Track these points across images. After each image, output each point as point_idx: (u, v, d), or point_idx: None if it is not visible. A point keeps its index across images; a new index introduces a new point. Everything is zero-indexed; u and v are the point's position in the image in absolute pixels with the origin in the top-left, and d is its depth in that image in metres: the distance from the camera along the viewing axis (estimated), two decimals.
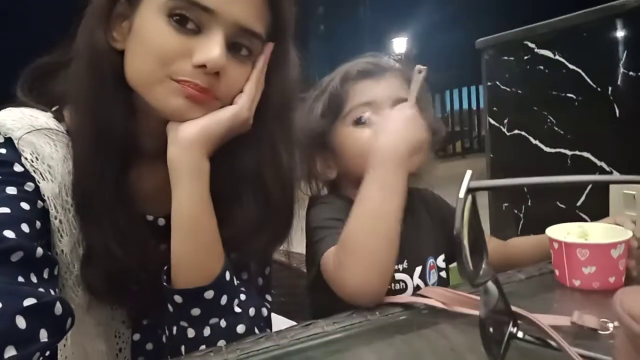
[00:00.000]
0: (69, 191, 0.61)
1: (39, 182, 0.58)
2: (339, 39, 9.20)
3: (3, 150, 0.59)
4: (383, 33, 9.94)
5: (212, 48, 0.57)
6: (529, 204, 1.28)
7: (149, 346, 0.71)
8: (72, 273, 0.62)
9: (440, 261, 0.83)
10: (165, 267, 0.63)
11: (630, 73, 0.99)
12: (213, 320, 0.60)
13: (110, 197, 0.61)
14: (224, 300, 0.61)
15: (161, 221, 0.69)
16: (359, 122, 0.77)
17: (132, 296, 0.66)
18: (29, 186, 0.58)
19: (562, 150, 1.16)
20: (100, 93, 0.61)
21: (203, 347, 0.59)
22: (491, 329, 0.45)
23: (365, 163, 0.73)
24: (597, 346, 0.47)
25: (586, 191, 1.12)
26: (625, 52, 1.00)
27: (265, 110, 0.66)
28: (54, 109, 0.65)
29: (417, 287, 0.77)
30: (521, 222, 1.31)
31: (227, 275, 0.62)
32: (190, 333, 0.60)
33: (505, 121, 1.30)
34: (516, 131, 1.28)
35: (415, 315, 0.58)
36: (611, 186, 1.05)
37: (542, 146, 1.21)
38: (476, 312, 0.55)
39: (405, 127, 0.68)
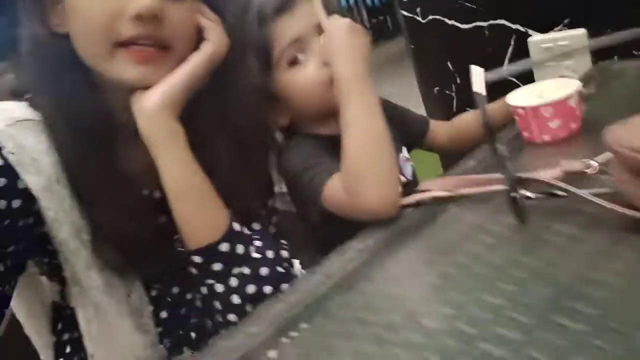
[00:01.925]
0: (61, 181, 0.60)
1: (24, 176, 0.57)
2: None
3: None
4: None
5: None
6: (458, 81, 1.36)
7: (164, 314, 0.73)
8: (80, 258, 0.62)
9: (406, 153, 0.90)
10: (176, 236, 0.64)
11: None
12: (236, 270, 0.63)
13: (107, 178, 0.62)
14: (240, 249, 0.64)
15: (157, 194, 0.70)
16: (293, 62, 0.75)
17: (149, 267, 0.67)
18: (1, 181, 0.56)
19: (479, 23, 1.23)
20: (56, 79, 0.61)
21: (235, 297, 0.62)
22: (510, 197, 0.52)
23: (314, 100, 0.76)
24: (591, 184, 0.54)
25: (508, 56, 1.20)
26: None
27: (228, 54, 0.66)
28: (26, 97, 0.63)
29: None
30: (454, 100, 1.40)
31: (236, 226, 0.65)
32: (219, 288, 0.63)
33: (418, 10, 1.34)
34: (430, 17, 1.32)
35: (428, 210, 0.63)
36: (530, 44, 1.15)
37: (459, 24, 1.27)
38: (477, 190, 0.62)
39: (351, 41, 0.69)
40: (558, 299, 0.41)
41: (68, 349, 0.73)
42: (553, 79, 0.76)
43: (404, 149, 0.89)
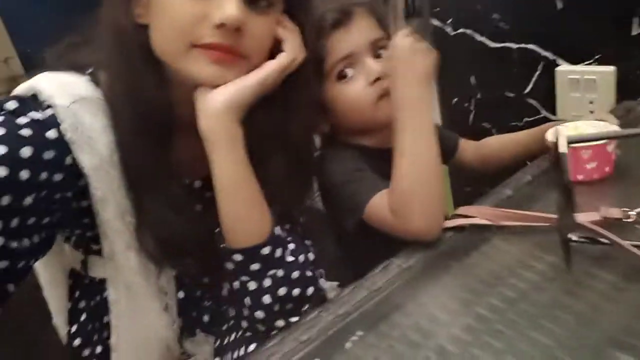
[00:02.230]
0: (113, 161, 0.62)
1: (78, 154, 0.59)
2: None
3: (40, 115, 0.58)
4: None
5: (227, 5, 0.58)
6: (479, 96, 1.39)
7: (180, 294, 0.75)
8: (121, 238, 0.64)
9: None
10: (217, 230, 0.66)
11: None
12: (271, 272, 0.65)
13: (159, 167, 0.64)
14: (278, 253, 0.66)
15: (197, 183, 0.73)
16: (342, 77, 0.77)
17: (184, 258, 0.69)
18: (48, 154, 0.57)
19: (508, 44, 1.25)
20: (131, 67, 0.62)
21: (267, 297, 0.65)
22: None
23: (359, 116, 0.78)
24: (628, 232, 0.58)
25: (534, 78, 1.24)
26: None
27: (300, 70, 0.67)
28: (88, 71, 0.65)
29: None
30: (471, 114, 1.43)
31: (277, 230, 0.67)
32: (252, 285, 0.66)
33: (450, 21, 1.36)
34: (461, 30, 1.34)
35: (469, 237, 0.67)
36: (557, 71, 1.18)
37: (488, 42, 1.29)
38: (516, 224, 0.65)
39: (413, 64, 0.70)
40: (603, 347, 0.44)
41: (83, 317, 0.76)
42: (591, 121, 0.79)
43: None
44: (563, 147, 0.42)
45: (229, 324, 0.77)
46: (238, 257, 0.65)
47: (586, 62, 1.13)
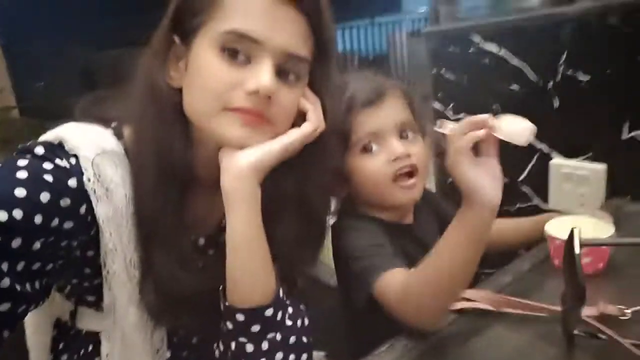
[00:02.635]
0: (126, 216, 0.63)
1: (95, 204, 0.60)
2: None
3: (65, 163, 0.60)
4: None
5: (262, 75, 0.62)
6: None
7: (167, 354, 0.74)
8: (124, 291, 0.65)
9: None
10: (220, 288, 0.67)
11: (569, 71, 1.17)
12: (270, 335, 0.65)
13: (173, 223, 0.66)
14: (279, 315, 0.66)
15: (201, 241, 0.74)
16: (366, 150, 0.81)
17: (185, 314, 0.69)
18: (65, 201, 0.58)
19: None
20: (161, 127, 0.65)
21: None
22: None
23: (376, 190, 0.81)
24: (624, 329, 0.61)
25: (528, 167, 1.30)
26: (565, 52, 1.17)
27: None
28: (113, 125, 0.68)
29: None
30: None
31: (281, 293, 0.68)
32: (249, 348, 0.65)
33: (451, 105, 1.44)
34: (462, 114, 1.42)
35: (471, 321, 0.69)
36: (550, 164, 1.25)
37: None
38: (518, 312, 0.68)
39: (500, 180, 0.66)
40: None
41: None
42: (588, 217, 0.84)
43: None
44: (577, 248, 0.46)
45: None
46: (240, 317, 0.64)
47: (579, 158, 1.20)
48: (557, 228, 0.82)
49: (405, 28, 6.12)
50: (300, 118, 0.70)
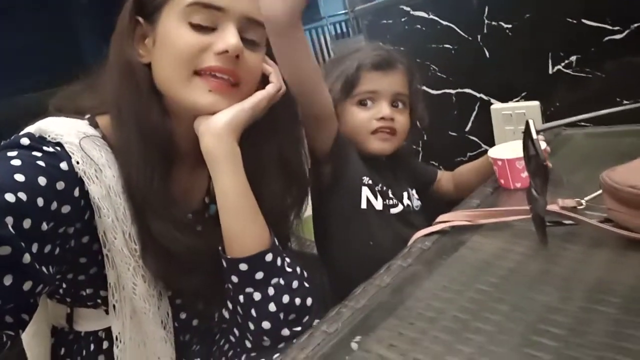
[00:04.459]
0: (118, 193, 0.67)
1: (88, 185, 0.63)
2: None
3: (52, 149, 0.63)
4: None
5: (229, 37, 0.68)
6: (425, 138, 1.55)
7: (195, 322, 0.81)
8: (130, 265, 0.68)
9: (415, 193, 1.06)
10: (220, 247, 0.71)
11: (493, 23, 1.28)
12: (274, 280, 0.70)
13: (163, 193, 0.69)
14: (279, 262, 0.71)
15: (189, 217, 0.78)
16: (361, 104, 0.99)
17: (189, 278, 0.73)
18: (60, 184, 0.60)
19: (447, 91, 1.43)
20: (139, 100, 0.69)
21: (272, 305, 0.69)
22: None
23: (355, 136, 0.99)
24: (586, 216, 0.70)
25: (472, 118, 1.41)
26: (487, 6, 1.28)
27: (282, 96, 0.77)
28: (87, 116, 0.71)
29: (407, 205, 1.02)
30: (420, 154, 1.58)
31: (276, 241, 0.73)
32: (257, 296, 0.69)
33: None
34: None
35: (452, 236, 0.76)
36: (491, 109, 1.36)
37: (430, 90, 1.46)
38: (492, 220, 0.75)
39: None
40: (586, 302, 0.53)
41: None
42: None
43: (414, 191, 1.08)
44: (534, 134, 0.53)
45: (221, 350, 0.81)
46: (244, 267, 0.68)
47: (515, 99, 1.31)
48: (498, 152, 0.92)
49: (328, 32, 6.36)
50: (261, 84, 0.76)
